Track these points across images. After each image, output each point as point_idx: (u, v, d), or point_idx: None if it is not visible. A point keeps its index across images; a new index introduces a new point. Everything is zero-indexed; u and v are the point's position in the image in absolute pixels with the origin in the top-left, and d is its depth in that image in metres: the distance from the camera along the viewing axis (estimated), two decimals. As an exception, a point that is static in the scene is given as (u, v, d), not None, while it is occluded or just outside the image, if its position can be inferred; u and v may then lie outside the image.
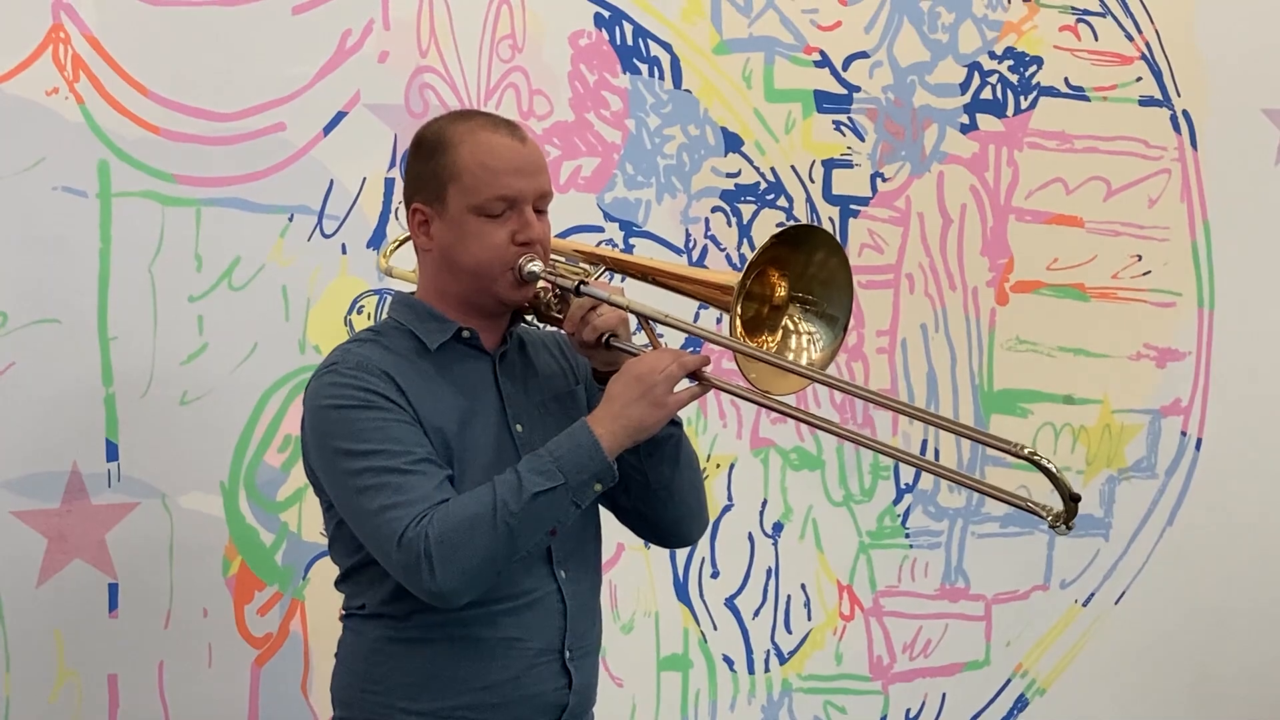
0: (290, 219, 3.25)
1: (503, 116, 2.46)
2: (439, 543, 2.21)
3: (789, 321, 2.42)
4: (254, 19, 3.20)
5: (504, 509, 2.22)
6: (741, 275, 2.33)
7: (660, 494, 2.48)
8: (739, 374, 2.35)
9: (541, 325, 2.56)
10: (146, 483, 3.13)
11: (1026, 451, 2.17)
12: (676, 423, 2.45)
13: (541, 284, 2.41)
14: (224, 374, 3.19)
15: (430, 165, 2.39)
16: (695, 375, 2.33)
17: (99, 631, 3.11)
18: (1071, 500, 2.13)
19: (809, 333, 2.42)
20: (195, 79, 3.16)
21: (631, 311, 2.40)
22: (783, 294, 2.42)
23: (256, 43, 3.21)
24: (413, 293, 2.49)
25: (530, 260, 2.36)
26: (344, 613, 2.50)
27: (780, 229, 2.38)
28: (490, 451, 2.38)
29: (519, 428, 2.42)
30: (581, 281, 2.39)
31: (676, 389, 2.31)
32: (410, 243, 2.49)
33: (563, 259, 2.55)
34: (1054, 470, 2.14)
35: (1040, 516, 2.16)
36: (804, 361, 2.41)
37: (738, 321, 2.34)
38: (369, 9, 3.32)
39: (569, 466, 2.26)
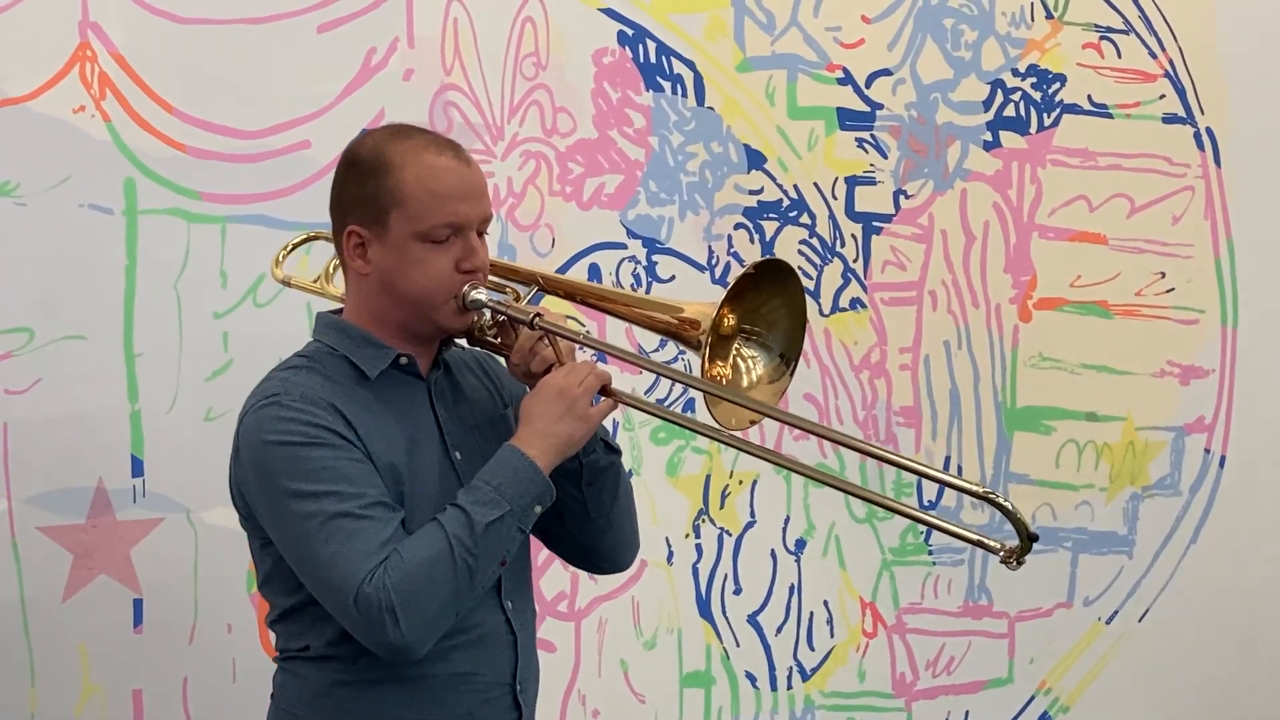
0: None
1: (443, 135, 2.35)
2: (399, 592, 2.11)
3: (736, 354, 2.36)
4: (279, 37, 3.22)
5: (460, 546, 2.14)
6: (715, 311, 2.27)
7: (599, 522, 2.43)
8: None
9: (472, 348, 2.46)
10: (171, 498, 3.14)
11: (982, 491, 2.22)
12: (616, 450, 2.41)
13: (491, 311, 2.32)
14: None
15: (369, 187, 2.26)
16: (604, 390, 2.29)
17: (124, 646, 3.12)
18: (1029, 539, 2.19)
19: (750, 356, 2.36)
20: (221, 97, 3.17)
21: (592, 348, 2.34)
22: (732, 323, 2.35)
23: (282, 61, 3.23)
24: (337, 312, 2.37)
25: (474, 288, 2.28)
26: (281, 655, 2.36)
27: (753, 263, 2.32)
28: (434, 481, 2.29)
29: (458, 455, 2.33)
30: (537, 314, 2.30)
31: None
32: (300, 248, 2.44)
33: (498, 279, 2.46)
34: (1010, 508, 2.19)
35: (993, 552, 2.22)
36: (750, 380, 2.36)
37: (705, 358, 2.28)
38: (394, 27, 3.33)
39: (511, 492, 2.19)
